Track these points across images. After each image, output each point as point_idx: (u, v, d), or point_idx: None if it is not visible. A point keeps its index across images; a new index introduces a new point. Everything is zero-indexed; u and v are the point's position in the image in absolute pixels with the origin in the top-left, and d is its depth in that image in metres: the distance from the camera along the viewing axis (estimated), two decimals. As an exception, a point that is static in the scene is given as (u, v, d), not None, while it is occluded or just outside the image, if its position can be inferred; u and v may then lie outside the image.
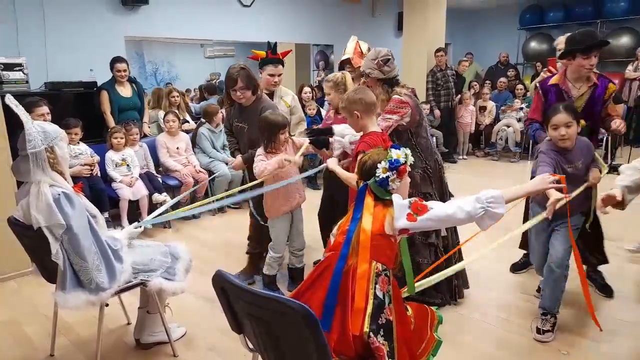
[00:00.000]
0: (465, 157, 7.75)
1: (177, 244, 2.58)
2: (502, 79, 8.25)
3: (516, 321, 2.74)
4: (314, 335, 1.33)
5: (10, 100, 2.04)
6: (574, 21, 9.34)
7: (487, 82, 8.24)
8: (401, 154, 1.69)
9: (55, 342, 2.54)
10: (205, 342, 2.61)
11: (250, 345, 1.65)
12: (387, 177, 1.67)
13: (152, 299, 2.41)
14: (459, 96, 7.56)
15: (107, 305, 2.32)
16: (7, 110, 2.12)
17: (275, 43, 3.39)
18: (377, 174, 1.68)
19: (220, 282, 1.53)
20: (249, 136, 3.12)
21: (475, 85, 8.07)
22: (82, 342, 2.65)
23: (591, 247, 3.00)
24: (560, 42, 3.70)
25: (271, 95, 3.45)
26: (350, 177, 2.25)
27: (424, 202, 1.66)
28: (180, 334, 2.64)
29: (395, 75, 2.80)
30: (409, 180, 1.77)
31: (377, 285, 1.58)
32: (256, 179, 2.79)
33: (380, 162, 1.68)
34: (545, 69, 3.80)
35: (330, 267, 1.61)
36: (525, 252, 3.27)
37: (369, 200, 1.68)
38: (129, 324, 2.78)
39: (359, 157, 1.82)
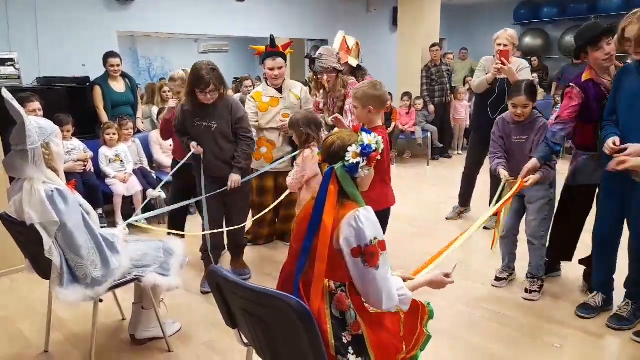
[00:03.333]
0: (460, 152, 7.77)
1: (170, 239, 2.58)
2: (497, 75, 8.26)
3: (509, 314, 2.75)
4: (309, 331, 1.33)
5: (6, 94, 2.02)
6: (568, 17, 9.36)
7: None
8: (372, 140, 1.55)
9: (50, 338, 2.53)
10: (200, 337, 2.61)
11: (245, 340, 1.65)
12: (358, 162, 1.52)
13: (146, 294, 2.41)
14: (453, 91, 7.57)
15: (101, 300, 2.31)
16: (-1, 104, 2.09)
17: (273, 37, 3.40)
18: (346, 158, 1.52)
19: (215, 277, 1.53)
20: (216, 134, 2.93)
21: (470, 80, 8.06)
22: (76, 338, 2.64)
23: (561, 243, 3.00)
24: (501, 36, 3.68)
25: (279, 89, 3.50)
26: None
27: (381, 250, 1.47)
28: (175, 329, 2.64)
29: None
30: (373, 172, 1.63)
31: (332, 305, 1.48)
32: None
33: (350, 145, 1.53)
34: (498, 62, 3.62)
35: (289, 282, 1.53)
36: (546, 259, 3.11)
37: (332, 189, 1.51)
38: (123, 319, 2.78)
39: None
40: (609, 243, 2.65)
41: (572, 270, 3.16)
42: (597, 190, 2.82)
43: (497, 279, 3.09)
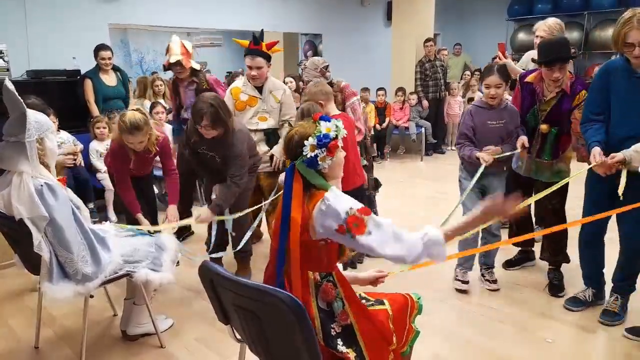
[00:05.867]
0: (453, 148, 7.78)
1: (162, 234, 2.56)
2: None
3: (501, 309, 2.76)
4: (301, 325, 1.32)
5: (10, 85, 1.99)
6: (562, 12, 9.38)
7: (476, 73, 8.24)
8: (331, 127, 1.46)
9: (40, 334, 2.51)
10: (193, 333, 2.59)
11: (238, 336, 1.64)
12: (316, 155, 1.43)
13: (138, 290, 2.39)
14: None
15: (92, 296, 2.29)
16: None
17: (260, 33, 3.24)
18: (304, 152, 1.44)
19: (207, 273, 1.51)
20: (217, 167, 2.87)
21: (467, 76, 8.09)
22: (67, 334, 2.62)
23: (553, 248, 2.97)
24: (539, 28, 3.41)
25: (260, 88, 3.30)
26: None
27: (364, 216, 1.39)
28: (167, 325, 2.62)
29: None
30: (343, 155, 1.54)
31: (318, 298, 1.47)
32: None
33: (307, 139, 1.44)
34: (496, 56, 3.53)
35: (272, 279, 1.53)
36: (520, 249, 3.28)
37: (297, 187, 1.45)
38: (115, 315, 2.75)
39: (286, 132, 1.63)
40: (595, 239, 2.66)
41: (566, 266, 3.18)
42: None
43: (491, 281, 3.00)
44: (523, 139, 2.76)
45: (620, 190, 2.29)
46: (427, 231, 1.44)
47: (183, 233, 3.95)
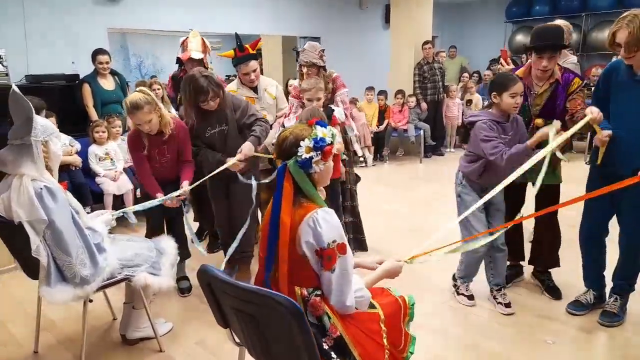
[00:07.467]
0: (452, 149, 7.79)
1: (162, 238, 2.56)
2: (487, 72, 8.30)
3: (502, 311, 2.76)
4: (301, 328, 1.32)
5: (17, 90, 2.00)
6: (560, 14, 9.42)
7: (475, 75, 8.27)
8: (327, 133, 1.48)
9: (40, 339, 2.50)
10: (192, 337, 2.59)
11: (237, 340, 1.64)
12: (311, 157, 1.45)
13: (137, 294, 2.38)
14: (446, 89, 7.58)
15: (91, 301, 2.29)
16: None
17: (240, 39, 3.25)
18: (299, 153, 1.46)
19: (206, 276, 1.51)
20: (230, 136, 2.90)
21: (465, 78, 8.10)
22: (67, 338, 2.61)
23: (545, 251, 2.93)
24: None
25: (255, 88, 3.41)
26: None
27: (339, 254, 1.43)
28: (166, 329, 2.62)
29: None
30: (332, 165, 1.55)
31: (307, 313, 1.44)
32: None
33: (303, 140, 1.46)
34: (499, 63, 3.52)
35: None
36: (509, 263, 2.98)
37: (287, 187, 1.46)
38: (114, 319, 2.75)
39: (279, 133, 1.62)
40: (596, 241, 2.65)
41: (567, 269, 3.17)
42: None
43: (505, 304, 2.75)
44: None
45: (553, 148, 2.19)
46: (362, 292, 1.53)
47: (204, 231, 3.96)
